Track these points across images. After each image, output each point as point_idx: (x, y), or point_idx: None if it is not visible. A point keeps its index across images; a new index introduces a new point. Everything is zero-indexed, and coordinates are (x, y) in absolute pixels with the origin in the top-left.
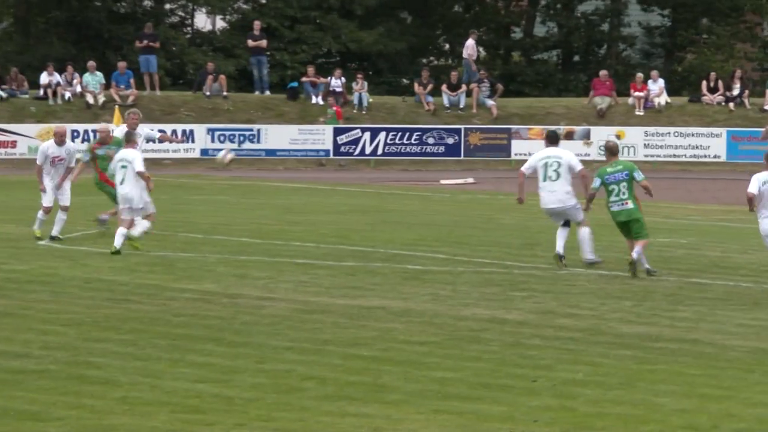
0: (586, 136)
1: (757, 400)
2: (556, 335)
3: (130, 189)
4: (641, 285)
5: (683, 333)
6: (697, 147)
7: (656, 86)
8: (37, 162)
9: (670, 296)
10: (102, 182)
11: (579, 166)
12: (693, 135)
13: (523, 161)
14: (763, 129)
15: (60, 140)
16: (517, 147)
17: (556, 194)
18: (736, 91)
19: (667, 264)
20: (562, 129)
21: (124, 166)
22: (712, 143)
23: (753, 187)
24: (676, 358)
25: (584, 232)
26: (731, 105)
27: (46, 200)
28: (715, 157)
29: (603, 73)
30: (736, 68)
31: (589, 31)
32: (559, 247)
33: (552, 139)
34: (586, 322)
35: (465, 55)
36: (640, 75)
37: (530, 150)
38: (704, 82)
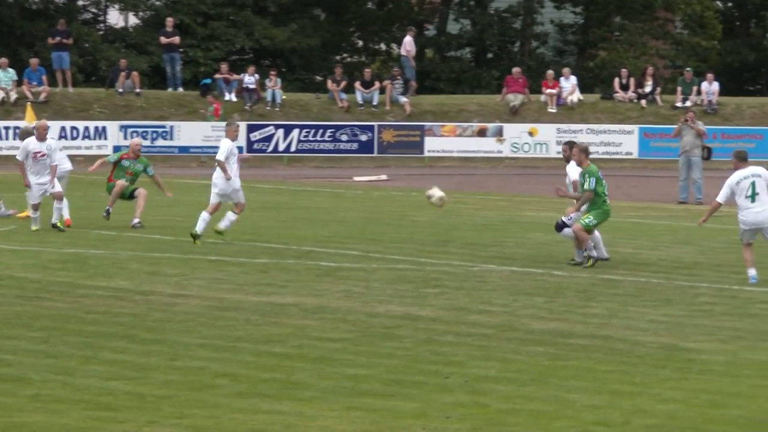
0: (499, 133)
1: (668, 396)
2: (468, 332)
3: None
4: (553, 281)
5: (595, 329)
6: (609, 144)
7: (568, 83)
8: (19, 158)
9: (581, 293)
10: (111, 184)
11: None
12: (605, 132)
13: (436, 158)
14: (675, 126)
15: (41, 136)
16: (431, 144)
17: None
18: (648, 89)
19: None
20: (475, 126)
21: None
22: (624, 140)
23: (722, 196)
24: (587, 355)
25: None
26: (643, 102)
27: (33, 198)
28: (627, 154)
29: (516, 70)
30: (648, 65)
31: (503, 29)
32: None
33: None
34: (499, 319)
35: (403, 52)
36: (551, 72)
37: (443, 147)
38: (616, 80)
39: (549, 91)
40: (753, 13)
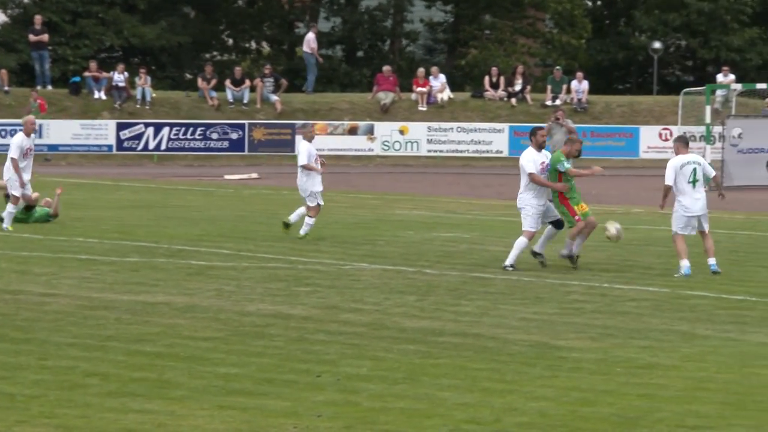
0: (370, 132)
1: (539, 394)
2: (340, 330)
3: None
4: (425, 280)
5: (466, 327)
6: (479, 142)
7: (438, 82)
8: (14, 156)
9: (453, 291)
10: None
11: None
12: (475, 130)
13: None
14: (545, 124)
15: (30, 131)
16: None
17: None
18: (518, 87)
19: (451, 259)
20: (346, 125)
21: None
22: (494, 138)
23: (669, 178)
24: (459, 353)
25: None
26: (513, 100)
27: (18, 191)
28: (497, 152)
29: (386, 68)
30: (518, 64)
31: (373, 27)
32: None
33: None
34: (370, 317)
35: (306, 48)
36: (422, 70)
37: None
38: (487, 78)
39: (419, 89)
40: (622, 12)
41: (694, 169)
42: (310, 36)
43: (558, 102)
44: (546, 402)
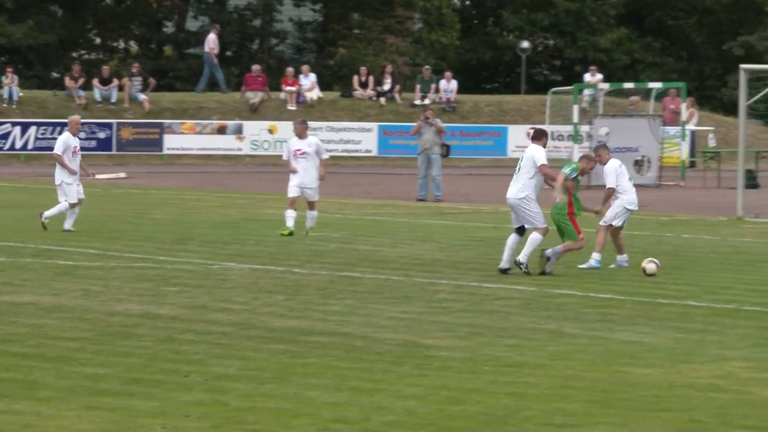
0: (239, 131)
1: (408, 393)
2: (208, 330)
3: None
4: (293, 279)
5: (335, 326)
6: (348, 142)
7: (308, 81)
8: (58, 152)
9: (322, 290)
10: None
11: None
12: (345, 130)
13: (176, 155)
14: (414, 124)
15: (74, 130)
16: (170, 142)
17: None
18: (387, 86)
19: (320, 258)
20: (214, 124)
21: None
22: (363, 138)
23: (612, 181)
24: (327, 352)
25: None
26: (382, 100)
27: (72, 197)
28: (366, 151)
29: (255, 67)
30: (387, 63)
31: (242, 26)
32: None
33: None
34: (239, 317)
35: (206, 49)
36: (290, 70)
37: (182, 144)
38: (356, 77)
39: (288, 88)
40: (490, 12)
41: (625, 169)
42: (211, 37)
43: (427, 101)
44: (414, 401)
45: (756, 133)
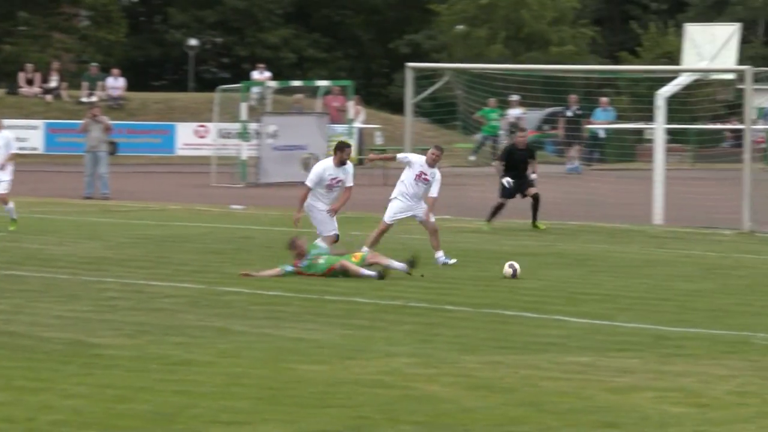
0: None
1: (74, 392)
2: None
3: None
4: None
5: (0, 326)
6: (14, 139)
7: None
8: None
9: None
10: None
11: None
12: (11, 127)
13: None
14: (81, 121)
15: None
16: None
17: None
18: (53, 83)
19: None
20: None
21: None
22: (30, 135)
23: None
24: None
25: None
26: (49, 97)
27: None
28: (32, 149)
29: None
30: (54, 60)
31: None
32: None
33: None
34: None
35: None
36: None
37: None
38: (22, 74)
39: None
40: (158, 9)
41: None
42: None
43: (94, 98)
44: (81, 399)
45: (422, 131)
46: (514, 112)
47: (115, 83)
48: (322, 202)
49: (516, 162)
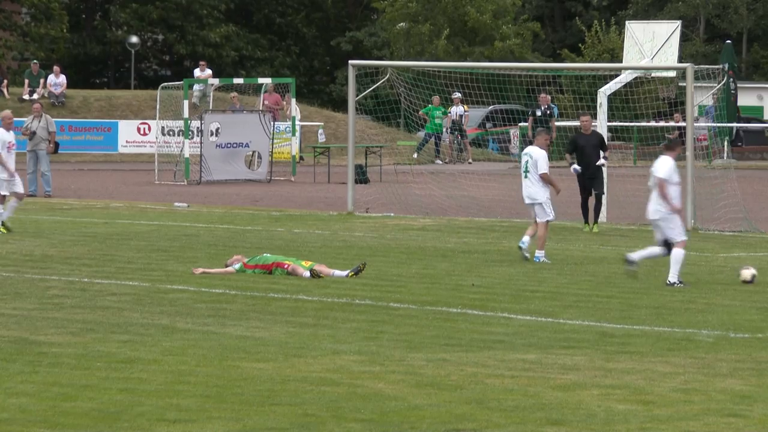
0: None
1: (19, 390)
2: None
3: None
4: None
5: None
6: None
7: None
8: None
9: None
10: None
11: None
12: None
13: None
14: (24, 120)
15: (8, 125)
16: None
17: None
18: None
19: None
20: None
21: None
22: None
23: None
24: None
25: None
26: None
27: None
28: None
29: None
30: None
31: None
32: None
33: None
34: None
35: None
36: None
37: None
38: None
39: None
40: (99, 7)
41: (527, 161)
42: None
43: (36, 96)
44: (26, 398)
45: (365, 129)
46: (457, 110)
47: (57, 80)
48: None
49: (582, 149)
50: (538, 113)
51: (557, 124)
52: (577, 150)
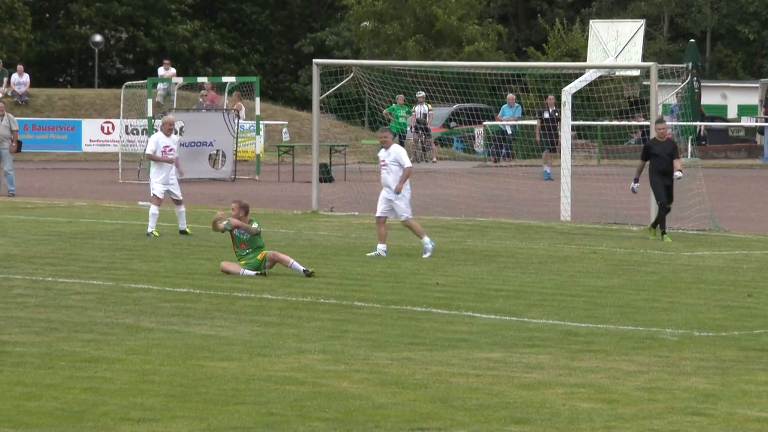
0: None
1: None
2: None
3: None
4: None
5: None
6: None
7: None
8: (149, 151)
9: None
10: None
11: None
12: None
13: None
14: None
15: (168, 131)
16: None
17: None
18: None
19: None
20: None
21: None
22: None
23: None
24: None
25: None
26: None
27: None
28: None
29: None
30: None
31: None
32: None
33: None
34: None
35: None
36: None
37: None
38: None
39: None
40: (62, 5)
41: None
42: None
43: None
44: None
45: (330, 128)
46: (421, 109)
47: (20, 79)
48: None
49: (658, 157)
50: (546, 115)
51: (522, 123)
52: (650, 157)
